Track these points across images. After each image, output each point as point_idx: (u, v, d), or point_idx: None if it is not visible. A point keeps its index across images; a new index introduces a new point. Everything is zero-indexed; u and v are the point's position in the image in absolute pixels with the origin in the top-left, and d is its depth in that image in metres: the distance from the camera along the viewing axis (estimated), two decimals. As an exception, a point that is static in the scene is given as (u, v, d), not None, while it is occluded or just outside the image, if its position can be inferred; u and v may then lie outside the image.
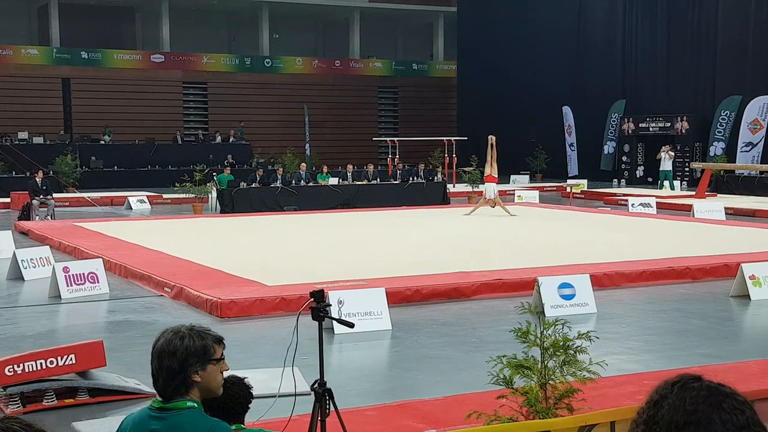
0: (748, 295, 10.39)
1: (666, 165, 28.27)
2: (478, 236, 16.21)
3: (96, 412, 6.42)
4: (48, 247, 13.69)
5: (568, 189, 27.39)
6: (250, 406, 3.81)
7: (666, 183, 28.15)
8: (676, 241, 14.93)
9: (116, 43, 39.97)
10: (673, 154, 28.82)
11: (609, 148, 35.03)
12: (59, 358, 6.53)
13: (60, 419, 6.22)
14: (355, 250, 14.27)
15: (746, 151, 29.21)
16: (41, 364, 6.45)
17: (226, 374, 3.91)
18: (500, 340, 7.93)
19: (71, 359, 6.57)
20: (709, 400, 1.74)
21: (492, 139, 20.53)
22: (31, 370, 6.41)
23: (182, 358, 2.70)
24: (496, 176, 20.65)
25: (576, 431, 4.57)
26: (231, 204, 22.20)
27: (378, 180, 25.46)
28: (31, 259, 12.50)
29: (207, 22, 42.51)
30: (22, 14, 40.25)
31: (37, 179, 21.33)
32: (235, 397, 3.71)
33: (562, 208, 22.74)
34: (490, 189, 20.31)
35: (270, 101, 40.96)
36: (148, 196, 25.39)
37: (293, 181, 23.85)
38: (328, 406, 4.29)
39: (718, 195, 26.00)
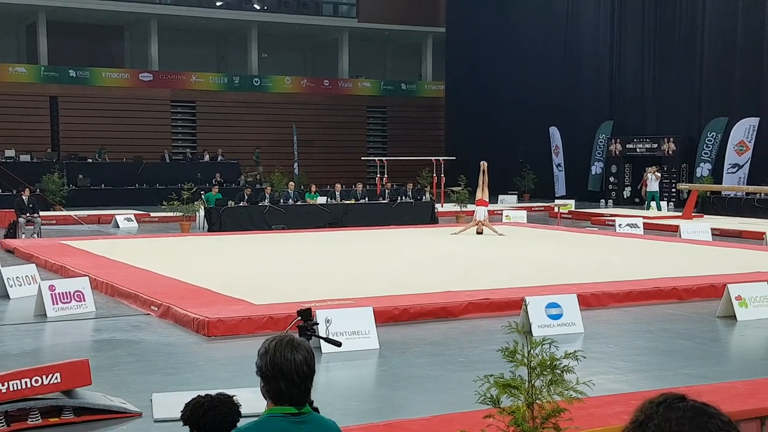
0: (735, 316, 10.43)
1: (653, 186, 28.42)
2: (466, 256, 16.23)
3: (81, 431, 6.38)
4: (34, 265, 13.61)
5: (556, 209, 27.47)
6: (238, 424, 3.79)
7: (653, 204, 28.29)
8: (663, 262, 14.99)
9: (104, 62, 39.94)
10: (659, 175, 28.99)
11: (596, 168, 35.22)
12: (44, 376, 6.48)
13: (44, 439, 6.18)
14: (342, 269, 14.25)
15: (732, 173, 29.39)
16: (26, 382, 6.40)
17: (214, 392, 3.91)
18: (487, 360, 7.93)
19: (56, 378, 6.52)
20: (694, 421, 1.74)
21: (484, 165, 20.75)
22: (15, 388, 6.35)
23: (314, 361, 2.90)
24: (487, 200, 20.87)
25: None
26: (219, 223, 22.16)
27: (366, 199, 25.46)
28: (17, 277, 12.43)
29: (196, 41, 42.58)
30: (10, 32, 40.22)
31: (24, 197, 21.23)
32: (224, 416, 3.70)
33: (550, 228, 22.80)
34: (480, 212, 20.47)
35: (258, 120, 40.97)
36: (135, 215, 25.27)
37: (281, 200, 23.84)
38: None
39: (705, 216, 26.11)
